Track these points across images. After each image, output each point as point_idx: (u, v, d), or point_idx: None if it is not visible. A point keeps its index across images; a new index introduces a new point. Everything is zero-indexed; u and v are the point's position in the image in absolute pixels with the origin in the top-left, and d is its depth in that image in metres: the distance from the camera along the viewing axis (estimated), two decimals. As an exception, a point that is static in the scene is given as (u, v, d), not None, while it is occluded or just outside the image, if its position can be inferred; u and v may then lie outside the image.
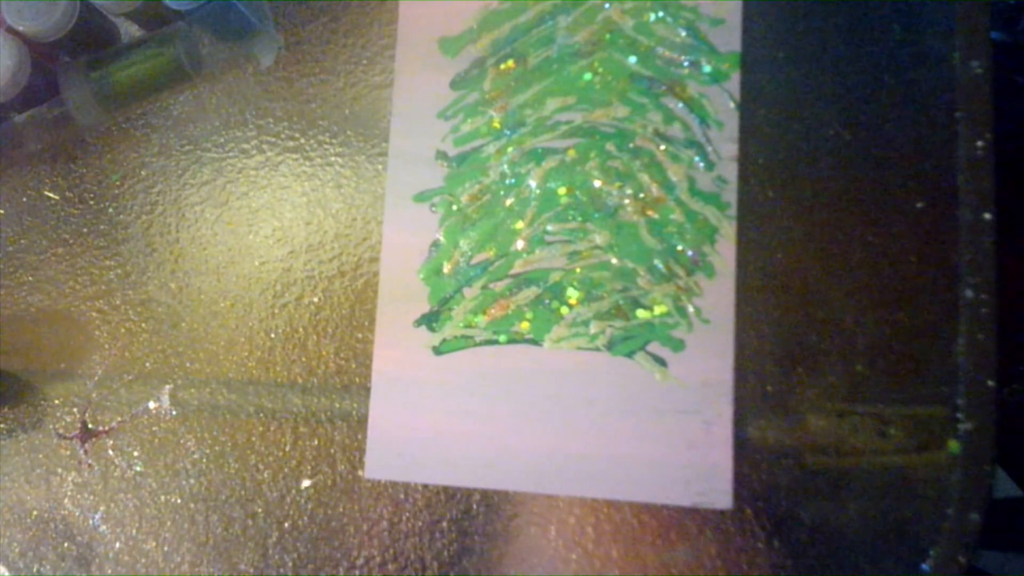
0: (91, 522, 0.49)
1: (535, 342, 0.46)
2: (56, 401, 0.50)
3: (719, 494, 0.43)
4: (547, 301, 0.46)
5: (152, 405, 0.49)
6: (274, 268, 0.49)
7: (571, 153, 0.47)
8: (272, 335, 0.49)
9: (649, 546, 0.44)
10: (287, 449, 0.48)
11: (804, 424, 0.44)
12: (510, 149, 0.47)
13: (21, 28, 0.47)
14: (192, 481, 0.48)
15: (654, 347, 0.45)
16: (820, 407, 0.43)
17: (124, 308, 0.50)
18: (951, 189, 0.44)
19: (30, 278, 0.52)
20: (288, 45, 0.50)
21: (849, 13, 0.46)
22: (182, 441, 0.49)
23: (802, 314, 0.44)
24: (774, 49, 0.46)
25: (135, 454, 0.49)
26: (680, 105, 0.46)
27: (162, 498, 0.48)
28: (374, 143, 0.49)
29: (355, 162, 0.49)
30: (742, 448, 0.44)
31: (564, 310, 0.46)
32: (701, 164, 0.45)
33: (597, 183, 0.46)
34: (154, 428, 0.49)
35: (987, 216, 0.43)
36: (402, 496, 0.46)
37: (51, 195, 0.52)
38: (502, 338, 0.46)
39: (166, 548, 0.48)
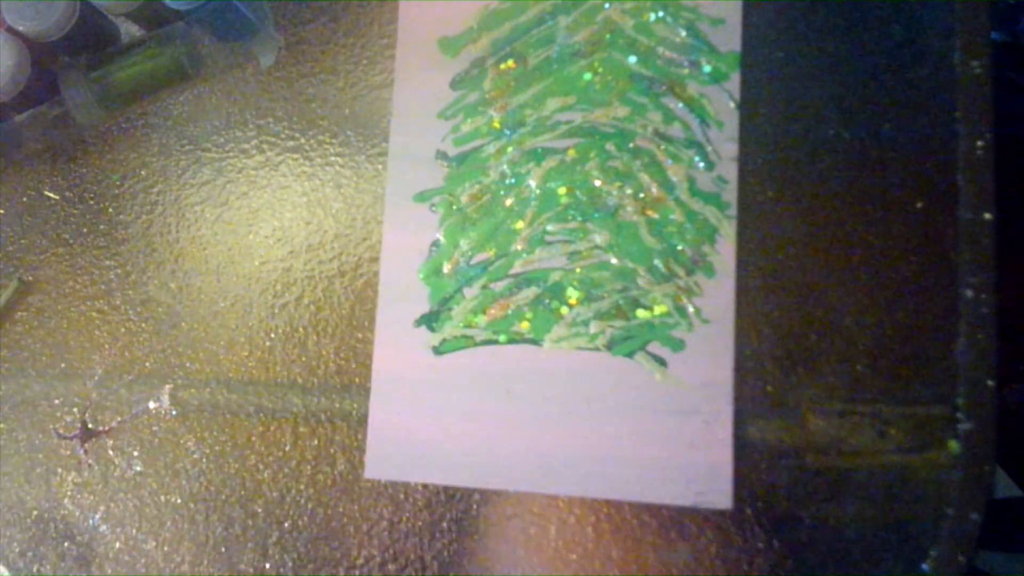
0: (91, 522, 0.49)
1: (535, 342, 0.46)
2: (56, 401, 0.50)
3: (719, 494, 0.43)
4: (547, 301, 0.46)
5: (152, 405, 0.49)
6: (274, 268, 0.49)
7: (571, 153, 0.47)
8: (272, 335, 0.49)
9: (649, 546, 0.44)
10: (287, 449, 0.48)
11: (804, 424, 0.44)
12: (510, 149, 0.47)
13: (21, 28, 0.47)
14: (192, 481, 0.48)
15: (654, 347, 0.45)
16: (820, 407, 0.43)
17: (124, 308, 0.50)
18: (951, 189, 0.44)
19: (30, 278, 0.52)
20: (288, 45, 0.50)
21: (849, 13, 0.46)
22: (182, 441, 0.49)
23: (802, 314, 0.44)
24: (774, 49, 0.46)
25: (135, 454, 0.49)
26: (680, 105, 0.46)
27: (162, 498, 0.48)
28: (374, 143, 0.49)
29: (355, 162, 0.49)
30: (742, 448, 0.44)
31: (564, 310, 0.46)
32: (701, 164, 0.45)
33: (597, 183, 0.46)
34: (154, 428, 0.49)
35: (987, 216, 0.43)
36: (402, 496, 0.46)
37: (51, 195, 0.52)
38: (502, 338, 0.46)
39: (166, 548, 0.48)
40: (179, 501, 0.48)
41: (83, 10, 0.48)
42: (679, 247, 0.45)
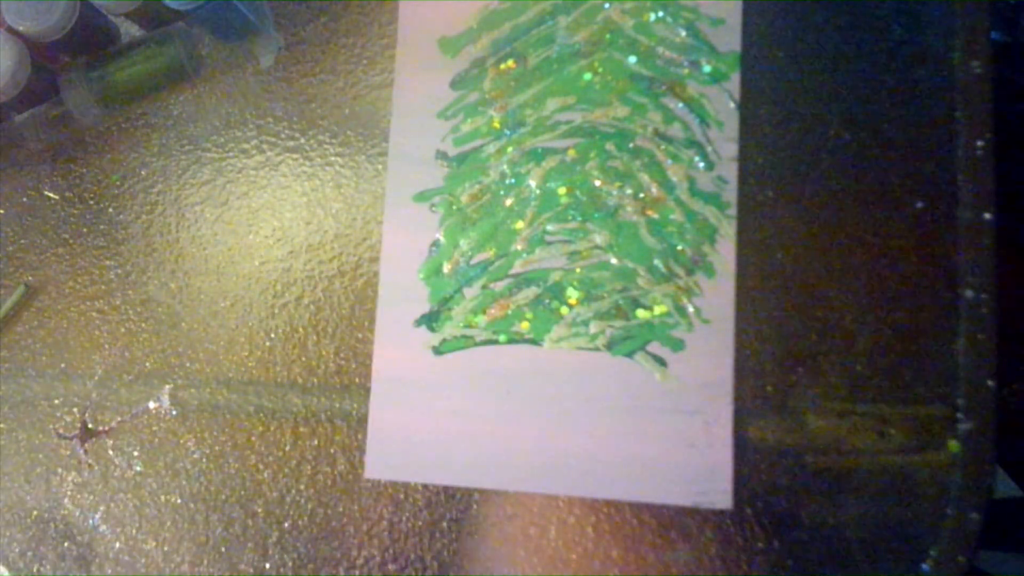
0: (91, 522, 0.49)
1: (535, 342, 0.46)
2: (56, 401, 0.50)
3: (719, 494, 0.43)
4: (547, 301, 0.46)
5: (152, 405, 0.49)
6: (274, 268, 0.49)
7: (571, 153, 0.47)
8: (272, 335, 0.49)
9: (649, 546, 0.44)
10: (287, 449, 0.48)
11: (804, 424, 0.44)
12: (510, 149, 0.47)
13: (21, 28, 0.47)
14: (192, 481, 0.48)
15: (654, 347, 0.45)
16: (820, 407, 0.43)
17: (124, 308, 0.50)
18: (951, 189, 0.44)
19: (30, 278, 0.52)
20: (288, 45, 0.50)
21: (849, 13, 0.46)
22: (182, 441, 0.49)
23: (802, 314, 0.44)
24: (774, 49, 0.46)
25: (135, 454, 0.49)
26: (680, 105, 0.46)
27: (162, 498, 0.48)
28: (374, 143, 0.49)
29: (355, 162, 0.49)
30: (742, 448, 0.44)
31: (564, 310, 0.46)
32: (701, 164, 0.45)
33: (597, 183, 0.46)
34: (154, 428, 0.49)
35: (987, 216, 0.43)
36: (402, 496, 0.46)
37: (51, 195, 0.52)
38: (502, 338, 0.46)
39: (166, 548, 0.48)
40: (179, 501, 0.48)
41: (83, 10, 0.48)
42: (679, 247, 0.45)
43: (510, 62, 0.48)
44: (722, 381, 0.44)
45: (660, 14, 0.47)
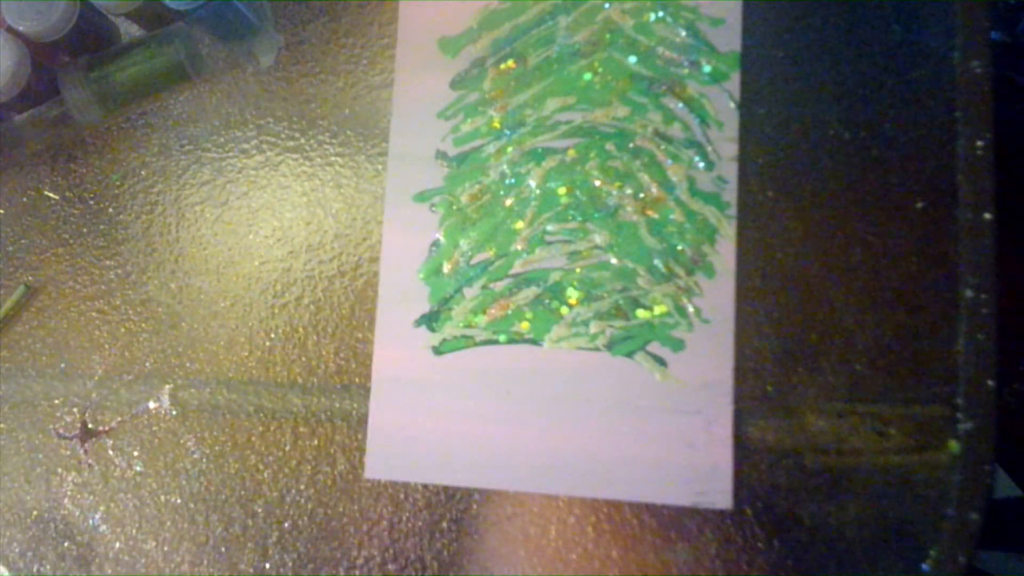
0: (91, 522, 0.49)
1: (535, 342, 0.46)
2: (56, 401, 0.50)
3: (719, 494, 0.43)
4: (547, 301, 0.46)
5: (152, 405, 0.49)
6: (274, 268, 0.49)
7: (571, 153, 0.47)
8: (272, 335, 0.49)
9: (649, 546, 0.44)
10: (287, 449, 0.48)
11: (804, 424, 0.44)
12: (510, 149, 0.47)
13: (21, 28, 0.47)
14: (192, 481, 0.48)
15: (654, 347, 0.45)
16: (820, 407, 0.43)
17: (124, 308, 0.50)
18: (951, 189, 0.44)
19: (30, 278, 0.52)
20: (288, 45, 0.50)
21: (849, 13, 0.46)
22: (182, 441, 0.49)
23: (802, 314, 0.44)
24: (774, 49, 0.46)
25: (135, 454, 0.49)
26: (680, 105, 0.46)
27: (162, 498, 0.48)
28: (374, 143, 0.49)
29: (355, 162, 0.49)
30: (742, 448, 0.44)
31: (564, 310, 0.46)
32: (701, 164, 0.45)
33: (597, 183, 0.46)
34: (154, 428, 0.49)
35: (987, 216, 0.43)
36: (402, 496, 0.46)
37: (51, 195, 0.52)
38: (502, 338, 0.46)
39: (166, 548, 0.48)
40: (179, 501, 0.48)
41: (83, 10, 0.48)
42: (679, 247, 0.45)
43: (510, 62, 0.48)
44: (722, 381, 0.44)
45: (660, 14, 0.47)
